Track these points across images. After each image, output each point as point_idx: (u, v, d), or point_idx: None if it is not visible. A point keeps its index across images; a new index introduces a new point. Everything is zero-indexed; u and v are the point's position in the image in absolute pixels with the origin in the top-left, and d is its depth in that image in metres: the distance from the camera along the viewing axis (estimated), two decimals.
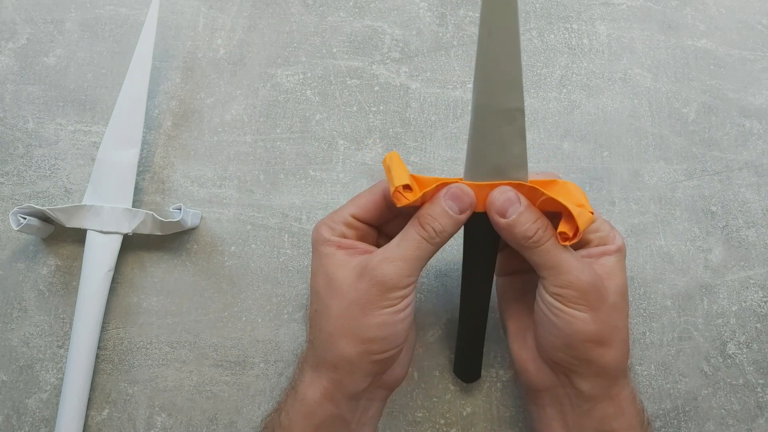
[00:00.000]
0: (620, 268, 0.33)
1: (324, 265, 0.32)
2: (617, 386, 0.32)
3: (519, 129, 0.30)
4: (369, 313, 0.31)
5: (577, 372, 0.32)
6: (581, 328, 0.31)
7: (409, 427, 0.40)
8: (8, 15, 0.50)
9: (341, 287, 0.31)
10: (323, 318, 0.32)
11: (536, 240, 0.31)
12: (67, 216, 0.41)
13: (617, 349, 0.31)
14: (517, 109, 0.30)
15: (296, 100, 0.47)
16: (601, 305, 0.31)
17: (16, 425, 0.41)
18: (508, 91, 0.29)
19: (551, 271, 0.31)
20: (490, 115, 0.30)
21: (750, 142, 0.46)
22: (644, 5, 0.49)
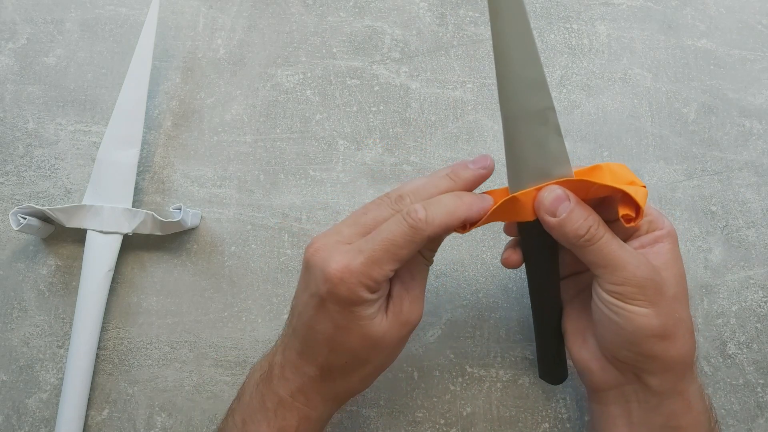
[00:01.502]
0: (675, 256, 0.32)
1: (362, 327, 0.30)
2: (685, 381, 0.31)
3: (554, 126, 0.30)
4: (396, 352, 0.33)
5: (644, 368, 0.31)
6: (644, 324, 0.30)
7: (409, 427, 0.40)
8: (8, 15, 0.50)
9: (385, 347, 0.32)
10: (356, 373, 0.32)
11: (589, 238, 0.30)
12: (67, 216, 0.41)
13: (683, 341, 0.31)
14: (547, 108, 0.30)
15: (296, 100, 0.47)
16: (660, 298, 0.30)
17: (16, 425, 0.41)
18: (535, 92, 0.29)
19: (607, 269, 0.30)
20: (523, 120, 0.30)
21: (750, 142, 0.46)
22: (644, 5, 0.49)
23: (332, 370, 0.32)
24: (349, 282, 0.29)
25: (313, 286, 0.30)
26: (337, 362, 0.31)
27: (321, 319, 0.30)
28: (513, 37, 0.28)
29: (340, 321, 0.30)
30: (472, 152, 0.46)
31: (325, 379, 0.32)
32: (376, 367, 0.32)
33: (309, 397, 0.32)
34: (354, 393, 0.34)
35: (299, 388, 0.32)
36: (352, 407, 0.41)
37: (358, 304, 0.30)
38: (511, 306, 0.42)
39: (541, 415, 0.40)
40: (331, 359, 0.31)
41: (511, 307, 0.42)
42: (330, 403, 0.33)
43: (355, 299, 0.29)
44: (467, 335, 0.42)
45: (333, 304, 0.30)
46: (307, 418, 0.32)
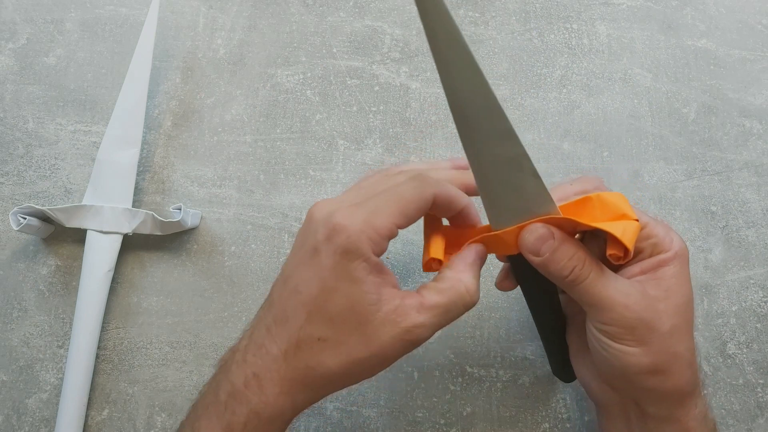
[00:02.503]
0: (680, 281, 0.30)
1: (350, 294, 0.27)
2: (684, 408, 0.30)
3: (529, 171, 0.28)
4: (384, 364, 0.29)
5: (638, 397, 0.31)
6: (632, 362, 0.29)
7: (409, 427, 0.40)
8: (8, 15, 0.50)
9: (367, 333, 0.27)
10: (332, 355, 0.28)
11: (573, 278, 0.29)
12: (67, 216, 0.41)
13: (678, 374, 0.29)
14: (519, 155, 0.27)
15: (296, 100, 0.47)
16: (651, 336, 0.28)
17: (16, 425, 0.41)
18: (503, 140, 0.27)
19: (593, 308, 0.29)
20: (494, 169, 0.28)
21: (750, 142, 0.46)
22: (644, 5, 0.49)
23: (301, 345, 0.28)
24: (351, 230, 0.27)
25: (310, 238, 0.28)
26: (312, 334, 0.28)
27: (308, 275, 0.28)
28: (467, 87, 0.25)
29: (329, 278, 0.27)
30: None
31: (290, 357, 0.28)
32: (355, 357, 0.28)
33: (263, 384, 0.28)
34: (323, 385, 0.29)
35: (255, 372, 0.28)
36: (352, 407, 0.41)
37: (355, 258, 0.27)
38: (511, 306, 0.42)
39: (541, 415, 0.40)
40: (306, 330, 0.28)
41: (511, 307, 0.42)
42: (289, 394, 0.28)
43: (353, 250, 0.27)
44: (467, 335, 0.42)
45: (327, 256, 0.27)
46: (256, 413, 0.28)
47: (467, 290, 0.29)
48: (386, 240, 0.28)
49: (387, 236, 0.28)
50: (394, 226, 0.28)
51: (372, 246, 0.27)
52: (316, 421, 0.40)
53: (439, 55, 0.25)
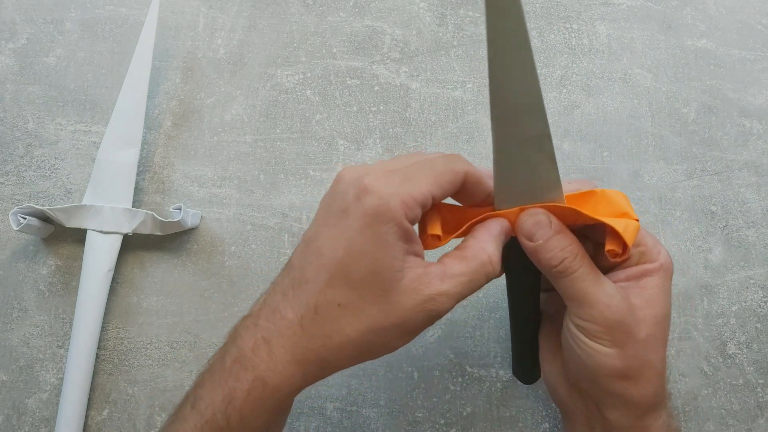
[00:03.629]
0: (662, 293, 0.30)
1: (377, 257, 0.26)
2: (648, 418, 0.30)
3: (548, 154, 0.28)
4: (404, 336, 0.27)
5: (603, 402, 0.31)
6: (605, 363, 0.29)
7: (409, 427, 0.40)
8: (8, 15, 0.50)
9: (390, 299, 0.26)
10: (353, 322, 0.26)
11: (561, 270, 0.29)
12: (67, 216, 0.41)
13: (647, 383, 0.29)
14: (543, 135, 0.27)
15: (296, 100, 0.47)
16: (628, 341, 0.29)
17: (16, 425, 0.41)
18: (531, 118, 0.27)
19: (575, 303, 0.29)
20: (516, 146, 0.28)
21: (750, 142, 0.46)
22: (644, 5, 0.49)
23: (320, 310, 0.26)
24: (384, 191, 0.26)
25: (338, 200, 0.27)
26: (333, 299, 0.26)
27: (334, 236, 0.26)
28: (513, 61, 0.25)
29: (356, 240, 0.26)
30: (473, 152, 0.46)
31: (306, 323, 0.27)
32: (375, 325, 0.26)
33: (273, 350, 0.27)
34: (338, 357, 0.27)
35: (266, 337, 0.27)
36: (352, 407, 0.41)
37: (386, 221, 0.25)
38: None
39: (541, 415, 0.40)
40: (326, 294, 0.26)
41: None
42: (300, 364, 0.27)
43: (384, 212, 0.25)
44: (467, 335, 0.42)
45: (356, 217, 0.26)
46: (262, 381, 0.26)
47: (490, 260, 0.28)
48: (420, 207, 0.27)
49: (421, 202, 0.27)
50: (428, 193, 0.27)
51: (405, 210, 0.26)
52: (316, 421, 0.40)
53: (494, 25, 0.24)
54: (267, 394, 0.27)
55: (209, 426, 0.27)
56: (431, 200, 0.27)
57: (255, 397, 0.27)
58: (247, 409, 0.27)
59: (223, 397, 0.27)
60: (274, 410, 0.27)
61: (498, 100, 0.27)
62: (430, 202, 0.27)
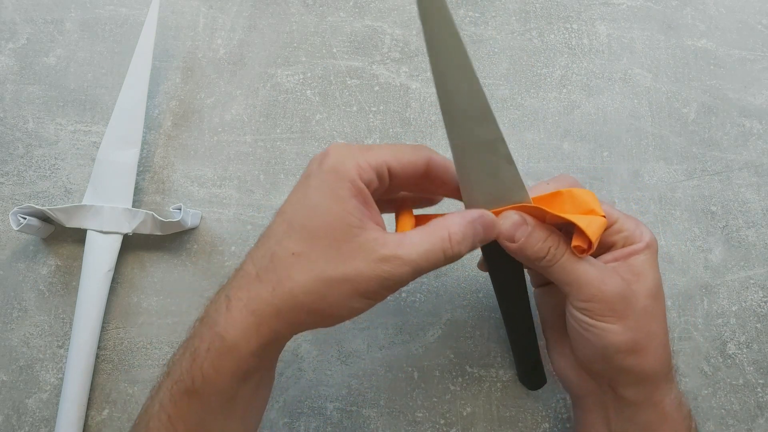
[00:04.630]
0: (650, 267, 0.31)
1: (331, 210, 0.27)
2: (660, 391, 0.31)
3: (504, 156, 0.29)
4: (356, 296, 0.27)
5: (617, 380, 0.31)
6: (613, 340, 0.30)
7: (409, 427, 0.40)
8: (8, 15, 0.50)
9: (343, 253, 0.27)
10: (303, 269, 0.27)
11: (549, 258, 0.30)
12: (67, 216, 0.41)
13: (655, 354, 0.30)
14: (496, 139, 0.29)
15: (296, 100, 0.47)
16: (629, 313, 0.30)
17: (16, 425, 0.41)
18: (481, 124, 0.28)
19: (572, 287, 0.30)
20: (471, 151, 0.29)
21: (750, 142, 0.46)
22: (644, 5, 0.49)
23: (275, 260, 0.27)
24: (341, 153, 0.28)
25: (306, 170, 0.29)
26: (288, 247, 0.27)
27: (296, 196, 0.28)
28: (453, 71, 0.27)
29: (313, 195, 0.28)
30: None
31: (262, 274, 0.27)
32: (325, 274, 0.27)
33: (232, 304, 0.27)
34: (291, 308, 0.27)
35: (228, 294, 0.28)
36: (352, 407, 0.41)
37: (341, 179, 0.27)
38: None
39: (541, 415, 0.40)
40: (282, 244, 0.27)
41: None
42: (254, 315, 0.27)
43: (339, 169, 0.27)
44: (467, 335, 0.42)
45: (316, 177, 0.28)
46: (220, 336, 0.27)
47: (450, 237, 0.28)
48: (374, 171, 0.28)
49: (375, 167, 0.28)
50: (383, 162, 0.28)
51: (359, 171, 0.28)
52: (316, 421, 0.40)
53: (430, 36, 0.26)
54: (225, 350, 0.27)
55: (177, 387, 0.28)
56: (386, 170, 0.29)
57: (214, 354, 0.27)
58: (207, 366, 0.27)
59: (188, 358, 0.28)
60: (236, 371, 0.27)
61: (447, 110, 0.28)
62: (385, 172, 0.29)
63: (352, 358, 0.41)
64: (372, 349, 0.42)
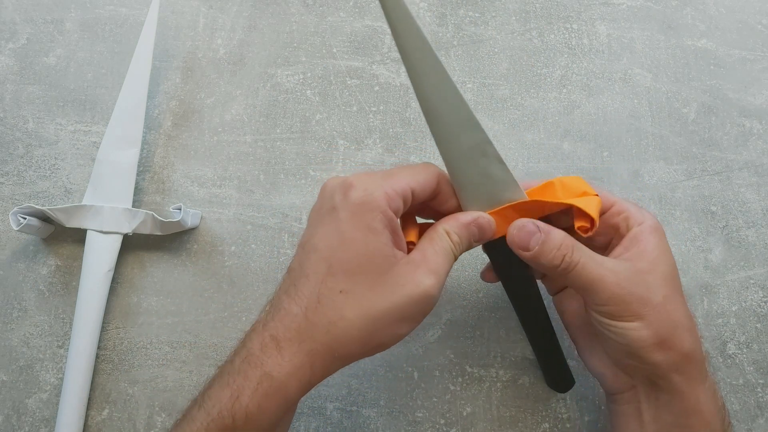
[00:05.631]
0: (662, 251, 0.31)
1: (368, 244, 0.28)
2: (693, 380, 0.31)
3: (494, 157, 0.30)
4: (404, 323, 0.28)
5: (651, 372, 0.31)
6: (636, 337, 0.30)
7: (409, 427, 0.40)
8: (8, 15, 0.50)
9: (386, 284, 0.28)
10: (353, 307, 0.27)
11: (565, 267, 0.30)
12: (67, 216, 0.41)
13: (681, 343, 0.30)
14: (483, 142, 0.30)
15: (296, 100, 0.47)
16: (647, 309, 0.30)
17: (16, 425, 0.41)
18: (466, 129, 0.29)
19: (588, 291, 0.30)
20: (461, 157, 0.30)
21: (750, 142, 0.46)
22: (644, 5, 0.49)
23: (322, 299, 0.28)
24: (368, 184, 0.28)
25: (327, 202, 0.29)
26: (333, 287, 0.28)
27: (326, 231, 0.28)
28: (431, 83, 0.29)
29: (347, 230, 0.28)
30: None
31: (310, 314, 0.28)
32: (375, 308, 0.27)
33: (281, 345, 0.27)
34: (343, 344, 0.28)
35: (273, 335, 0.28)
36: (352, 407, 0.41)
37: (372, 210, 0.28)
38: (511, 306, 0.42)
39: (541, 415, 0.40)
40: (327, 284, 0.28)
41: (510, 307, 0.42)
42: (308, 355, 0.27)
43: (369, 201, 0.28)
44: (467, 335, 0.42)
45: (345, 210, 0.28)
46: (269, 375, 0.27)
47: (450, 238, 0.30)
48: (401, 198, 0.29)
49: (401, 194, 0.29)
50: (407, 186, 0.29)
51: (388, 200, 0.28)
52: (316, 421, 0.40)
53: (404, 53, 0.28)
54: (274, 390, 0.27)
55: (215, 424, 0.27)
56: (410, 194, 0.29)
57: (262, 394, 0.27)
58: (253, 405, 0.27)
59: (230, 395, 0.28)
60: (281, 407, 0.28)
61: (431, 120, 0.30)
62: (410, 196, 0.29)
63: None
64: None
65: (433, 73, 0.28)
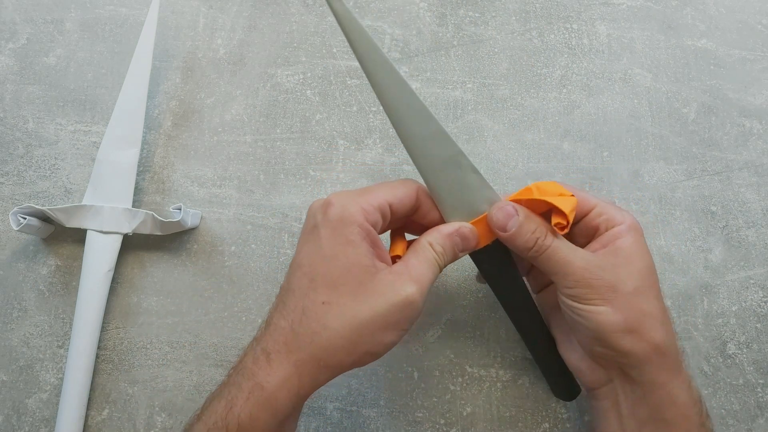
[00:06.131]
0: (638, 248, 0.32)
1: (347, 256, 0.29)
2: (666, 372, 0.31)
3: (467, 167, 0.32)
4: (388, 330, 0.29)
5: (621, 362, 0.32)
6: (603, 321, 0.31)
7: (409, 427, 0.40)
8: (8, 15, 0.50)
9: (367, 293, 0.29)
10: (335, 317, 0.29)
11: (537, 248, 0.32)
12: (67, 216, 0.41)
13: (652, 333, 0.31)
14: (456, 153, 0.32)
15: (296, 100, 0.47)
16: (615, 295, 0.31)
17: (16, 425, 0.41)
18: (437, 143, 0.31)
19: (559, 275, 0.32)
20: (435, 169, 0.32)
21: (750, 142, 0.46)
22: (644, 5, 0.49)
23: (307, 311, 0.29)
24: (345, 200, 0.30)
25: (310, 221, 0.31)
26: (316, 299, 0.29)
27: (309, 248, 0.30)
28: (399, 102, 0.31)
29: (327, 245, 0.30)
30: (473, 152, 0.46)
31: (296, 326, 0.29)
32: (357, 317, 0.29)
33: (271, 357, 0.29)
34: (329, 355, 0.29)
35: (264, 348, 0.30)
36: (352, 407, 0.41)
37: (349, 224, 0.29)
38: None
39: (541, 415, 0.40)
40: (310, 297, 0.29)
41: None
42: (295, 365, 0.29)
43: (346, 216, 0.29)
44: (467, 335, 0.42)
45: (324, 227, 0.30)
46: (260, 386, 0.28)
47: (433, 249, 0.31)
48: (378, 212, 0.31)
49: (378, 207, 0.31)
50: (384, 200, 0.31)
51: (365, 214, 0.30)
52: (316, 421, 0.40)
53: (369, 75, 0.30)
54: (264, 399, 0.28)
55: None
56: (388, 208, 0.31)
57: (253, 403, 0.28)
58: (244, 415, 0.28)
59: (224, 406, 0.29)
60: (272, 417, 0.29)
61: (403, 138, 0.31)
62: (387, 209, 0.31)
63: None
64: None
65: (399, 94, 0.30)
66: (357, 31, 0.30)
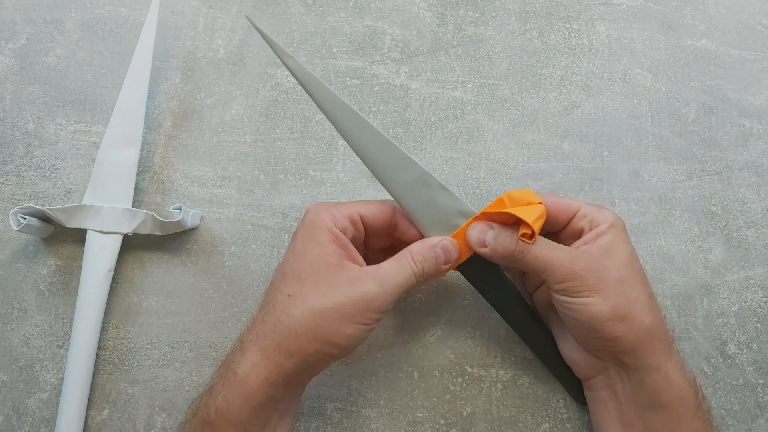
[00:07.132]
0: (620, 242, 0.34)
1: (314, 254, 0.33)
2: (659, 356, 0.33)
3: (436, 185, 0.34)
4: (346, 322, 0.31)
5: (615, 350, 0.33)
6: (593, 311, 0.32)
7: (409, 427, 0.40)
8: (8, 15, 0.50)
9: (329, 286, 0.32)
10: (297, 306, 0.32)
11: (520, 250, 0.33)
12: (67, 216, 0.41)
13: (641, 317, 0.32)
14: (422, 174, 0.34)
15: (296, 100, 0.47)
16: (603, 284, 0.32)
17: (16, 425, 0.41)
18: (402, 167, 0.34)
19: (546, 272, 0.33)
20: (405, 191, 0.34)
21: (750, 142, 0.46)
22: (644, 5, 0.49)
23: (275, 303, 0.32)
24: (318, 210, 0.34)
25: (296, 226, 0.35)
26: (284, 291, 0.32)
27: (288, 250, 0.34)
28: (360, 137, 0.33)
29: (299, 246, 0.33)
30: (473, 152, 0.46)
31: (266, 316, 0.33)
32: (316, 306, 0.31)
33: (244, 346, 0.32)
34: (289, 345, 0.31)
35: (241, 339, 0.33)
36: (352, 407, 0.41)
37: (318, 227, 0.33)
38: None
39: (541, 415, 0.40)
40: (280, 289, 0.33)
41: None
42: (261, 351, 0.31)
43: (317, 221, 0.33)
44: (467, 335, 0.42)
45: (300, 231, 0.34)
46: (234, 372, 0.32)
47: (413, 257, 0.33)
48: (347, 220, 0.34)
49: (347, 216, 0.34)
50: (355, 211, 0.34)
51: (333, 220, 0.33)
52: (316, 421, 0.40)
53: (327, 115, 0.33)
54: (237, 384, 0.31)
55: (197, 419, 0.33)
56: (359, 218, 0.34)
57: (228, 388, 0.32)
58: (221, 399, 0.32)
59: (207, 392, 0.33)
60: (244, 401, 0.31)
61: (369, 166, 0.34)
62: (358, 218, 0.34)
63: (352, 358, 0.41)
64: (372, 349, 0.42)
65: (358, 128, 0.33)
66: (313, 83, 0.33)
